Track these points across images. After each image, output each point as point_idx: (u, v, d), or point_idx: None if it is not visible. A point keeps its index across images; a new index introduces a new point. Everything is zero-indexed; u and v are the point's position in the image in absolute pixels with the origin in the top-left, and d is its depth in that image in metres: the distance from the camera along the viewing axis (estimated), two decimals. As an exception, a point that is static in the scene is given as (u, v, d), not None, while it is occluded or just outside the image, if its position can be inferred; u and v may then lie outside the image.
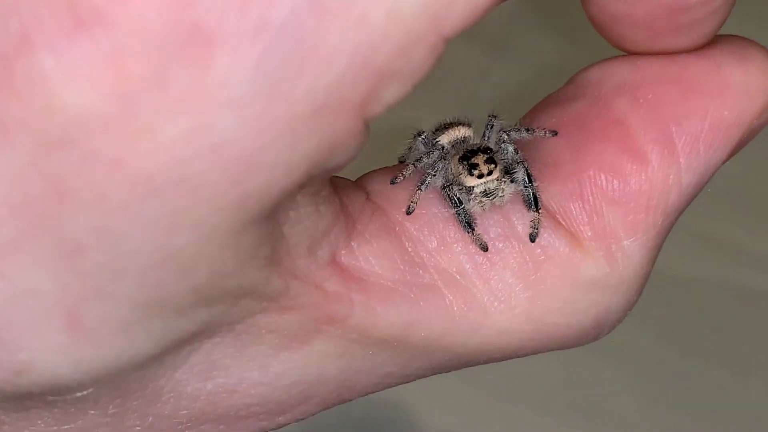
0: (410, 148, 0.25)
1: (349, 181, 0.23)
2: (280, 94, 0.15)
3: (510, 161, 0.23)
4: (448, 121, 0.25)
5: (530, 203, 0.22)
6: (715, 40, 0.23)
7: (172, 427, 0.21)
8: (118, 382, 0.19)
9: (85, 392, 0.19)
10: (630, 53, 0.23)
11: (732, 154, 0.23)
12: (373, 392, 0.24)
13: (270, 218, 0.18)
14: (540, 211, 0.22)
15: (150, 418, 0.21)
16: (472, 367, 0.24)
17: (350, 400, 0.24)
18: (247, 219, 0.17)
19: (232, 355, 0.21)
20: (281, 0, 0.15)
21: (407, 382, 0.24)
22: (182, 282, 0.17)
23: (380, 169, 0.24)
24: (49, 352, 0.17)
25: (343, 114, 0.16)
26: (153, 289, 0.17)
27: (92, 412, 0.20)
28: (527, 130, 0.23)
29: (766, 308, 0.59)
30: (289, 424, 0.23)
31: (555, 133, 0.23)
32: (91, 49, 0.15)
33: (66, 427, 0.20)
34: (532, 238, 0.22)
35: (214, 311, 0.19)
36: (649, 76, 0.23)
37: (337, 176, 0.22)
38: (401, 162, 0.25)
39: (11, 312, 0.17)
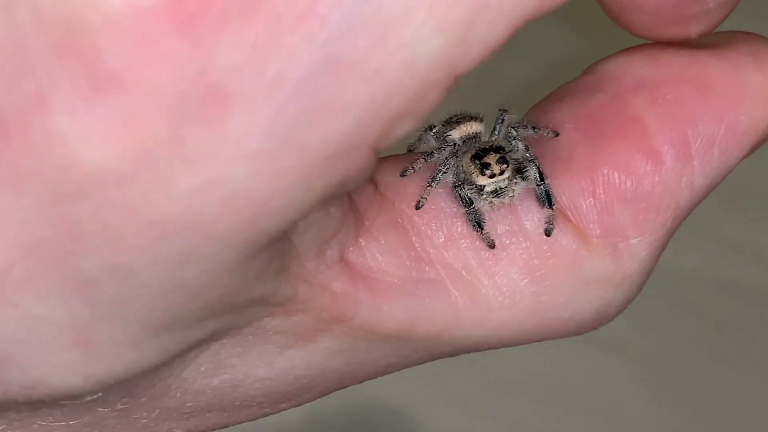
0: (420, 139, 0.25)
1: None
2: (293, 145, 0.15)
3: (521, 158, 0.23)
4: (459, 113, 0.25)
5: (543, 201, 0.22)
6: (735, 40, 0.23)
7: (177, 417, 0.22)
8: (128, 385, 0.19)
9: (94, 396, 0.19)
10: (639, 37, 0.23)
11: (745, 157, 0.23)
12: (375, 378, 0.24)
13: (280, 240, 0.18)
14: (554, 207, 0.22)
15: (157, 411, 0.21)
16: (472, 361, 0.24)
17: (352, 385, 0.24)
18: (258, 249, 0.17)
19: (239, 354, 0.21)
20: (297, 57, 0.15)
21: (409, 367, 0.24)
22: (191, 305, 0.18)
23: (390, 157, 0.24)
24: (60, 369, 0.18)
25: (356, 155, 0.16)
26: (162, 312, 0.17)
27: (101, 409, 0.20)
28: (533, 128, 0.23)
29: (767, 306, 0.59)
30: (290, 408, 0.24)
31: (557, 134, 0.23)
32: (108, 112, 0.15)
33: (74, 422, 0.20)
34: (548, 233, 0.22)
35: (222, 321, 0.19)
36: (669, 76, 0.22)
37: None
38: (410, 151, 0.25)
39: (24, 335, 0.17)
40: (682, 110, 0.22)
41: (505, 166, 0.23)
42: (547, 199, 0.22)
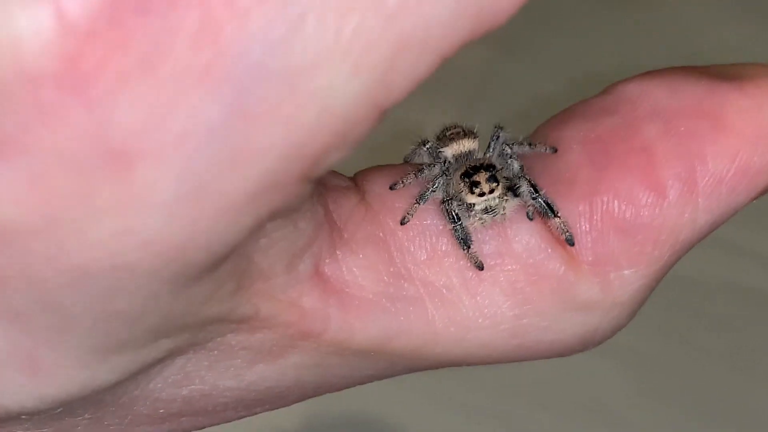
0: (415, 152, 0.25)
1: (342, 179, 0.23)
2: (208, 192, 0.15)
3: (513, 176, 0.23)
4: (454, 126, 0.24)
5: (546, 212, 0.22)
6: (763, 75, 0.22)
7: (151, 422, 0.22)
8: (89, 400, 0.19)
9: (56, 411, 0.19)
10: None
11: (755, 199, 0.22)
12: (354, 387, 0.24)
13: (226, 263, 0.18)
14: (559, 215, 0.22)
15: (129, 417, 0.21)
16: (471, 368, 0.24)
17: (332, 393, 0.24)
18: (192, 279, 0.17)
19: (206, 367, 0.21)
20: (202, 111, 0.14)
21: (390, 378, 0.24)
22: (133, 330, 0.18)
23: (382, 167, 0.24)
24: (12, 392, 0.18)
25: (281, 190, 0.16)
26: (103, 338, 0.17)
27: (68, 419, 0.20)
28: (529, 144, 0.23)
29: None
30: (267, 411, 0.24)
31: (555, 150, 0.23)
32: (11, 173, 0.15)
33: (45, 430, 0.20)
34: (570, 242, 0.22)
35: (179, 339, 0.19)
36: (686, 107, 0.22)
37: (331, 175, 0.22)
38: (406, 162, 0.25)
39: None
40: (694, 144, 0.22)
41: (495, 184, 0.22)
42: (549, 209, 0.22)
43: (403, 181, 0.23)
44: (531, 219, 0.22)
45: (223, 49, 0.14)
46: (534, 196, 0.22)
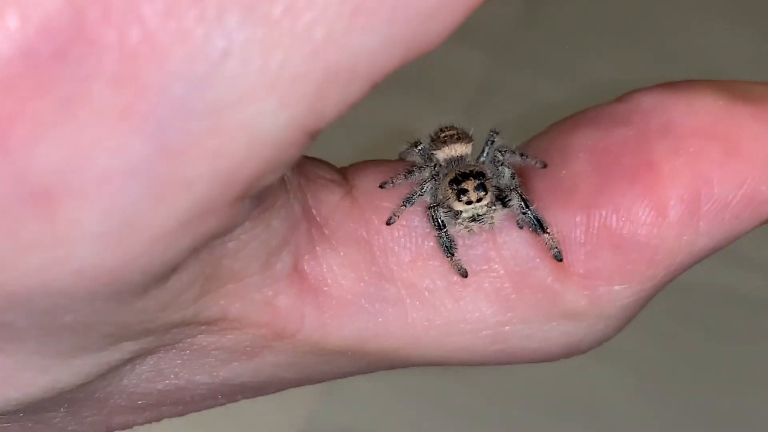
0: (409, 151, 0.24)
1: (329, 171, 0.22)
2: (137, 224, 0.15)
3: (504, 185, 0.23)
4: (449, 128, 0.24)
5: (536, 228, 0.22)
6: None
7: (130, 412, 0.22)
8: (58, 399, 0.19)
9: (27, 410, 0.19)
10: None
11: (758, 227, 0.22)
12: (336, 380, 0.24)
13: (180, 274, 0.18)
14: (549, 231, 0.22)
15: (106, 409, 0.21)
16: (469, 370, 0.24)
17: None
18: (136, 295, 0.17)
19: (180, 365, 0.21)
20: (125, 149, 0.14)
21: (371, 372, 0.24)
22: (86, 338, 0.18)
23: (376, 162, 0.23)
24: None
25: (213, 215, 0.16)
26: (57, 345, 0.18)
27: (43, 413, 0.20)
28: (521, 155, 0.23)
29: (766, 315, 0.59)
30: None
31: (544, 165, 0.23)
32: None
33: (24, 422, 0.20)
34: (558, 258, 0.22)
35: (143, 342, 0.19)
36: (699, 126, 0.22)
37: (315, 166, 0.22)
38: (401, 159, 0.25)
39: None
40: (702, 167, 0.21)
41: (483, 193, 0.22)
42: (538, 225, 0.22)
43: (393, 181, 0.22)
44: (521, 227, 0.22)
45: (143, 87, 0.14)
46: (524, 210, 0.22)
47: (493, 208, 0.22)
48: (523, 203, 0.22)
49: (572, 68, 0.61)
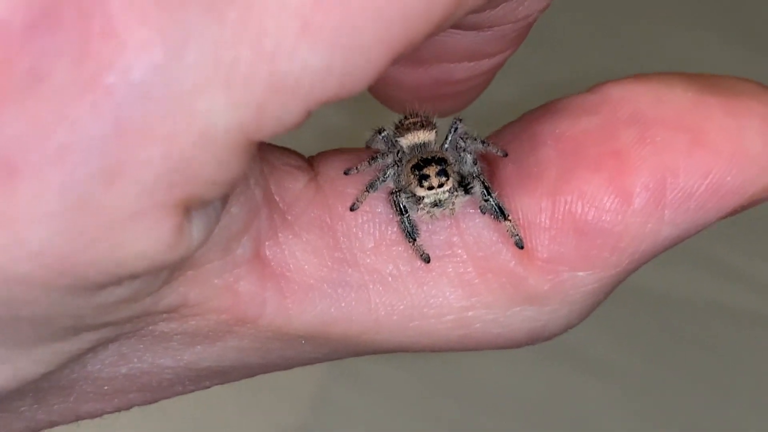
0: (373, 139, 0.25)
1: (294, 158, 0.23)
2: (90, 205, 0.16)
3: (467, 172, 0.23)
4: (413, 114, 0.24)
5: (497, 215, 0.22)
6: (751, 95, 0.22)
7: (99, 399, 0.22)
8: (23, 389, 0.20)
9: None
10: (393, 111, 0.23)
11: (724, 218, 0.22)
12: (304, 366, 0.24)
13: None
14: (510, 218, 0.22)
15: (73, 396, 0.21)
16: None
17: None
18: (96, 288, 0.17)
19: (142, 349, 0.21)
20: (82, 125, 0.15)
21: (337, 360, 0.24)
22: (45, 330, 0.18)
23: (343, 150, 0.24)
24: None
25: (161, 215, 0.16)
26: (15, 336, 0.18)
27: (9, 402, 0.21)
28: (482, 142, 0.23)
29: (752, 327, 0.59)
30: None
31: (506, 154, 0.23)
32: None
33: None
34: (519, 245, 0.22)
35: (103, 332, 0.19)
36: (667, 117, 0.22)
37: (280, 153, 0.22)
38: (368, 147, 0.25)
39: None
40: (668, 156, 0.21)
41: (444, 179, 0.22)
42: (500, 213, 0.22)
43: (357, 168, 0.23)
44: (484, 213, 0.22)
45: (105, 66, 0.15)
46: (486, 198, 0.22)
47: (455, 194, 0.22)
48: (485, 190, 0.22)
49: (551, 73, 0.61)
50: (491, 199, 0.22)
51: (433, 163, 0.23)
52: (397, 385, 0.56)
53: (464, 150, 0.23)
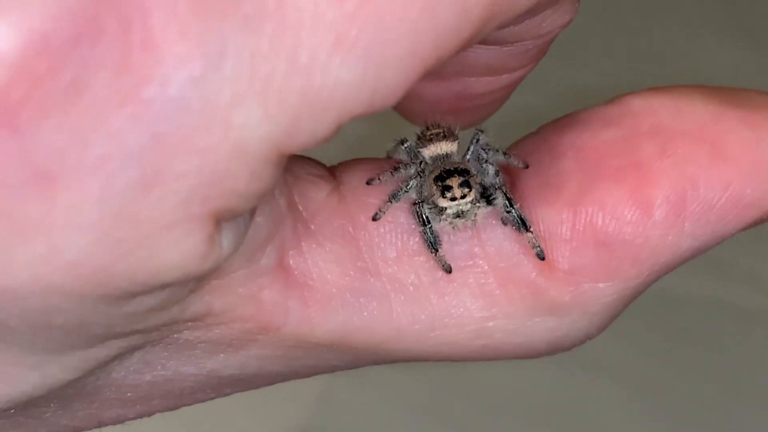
0: (396, 149, 0.25)
1: (317, 168, 0.23)
2: (126, 216, 0.16)
3: (489, 183, 0.23)
4: (435, 125, 0.24)
5: (519, 226, 0.22)
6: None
7: (121, 405, 0.22)
8: (48, 395, 0.20)
9: (17, 406, 0.20)
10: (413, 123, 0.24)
11: (746, 229, 0.22)
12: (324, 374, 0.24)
13: None
14: (532, 230, 0.22)
15: (96, 403, 0.22)
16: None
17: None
18: (128, 297, 0.17)
19: (167, 357, 0.21)
20: (121, 137, 0.15)
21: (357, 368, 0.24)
22: (76, 337, 0.18)
23: (366, 160, 0.24)
24: None
25: (195, 226, 0.17)
26: (47, 344, 0.18)
27: (34, 409, 0.21)
28: (504, 153, 0.23)
29: (758, 327, 0.59)
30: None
31: (527, 165, 0.23)
32: None
33: (13, 418, 0.21)
34: (540, 256, 0.22)
35: (131, 339, 0.20)
36: (687, 129, 0.22)
37: (303, 163, 0.22)
38: (389, 157, 0.25)
39: None
40: (689, 168, 0.21)
41: (467, 190, 0.22)
42: (522, 224, 0.22)
43: (379, 178, 0.23)
44: (506, 224, 0.22)
45: (145, 78, 0.15)
46: (508, 209, 0.22)
47: (477, 205, 0.22)
48: (507, 202, 0.22)
49: (559, 76, 0.61)
50: (513, 211, 0.22)
51: (455, 174, 0.23)
52: (404, 387, 0.56)
53: (486, 161, 0.23)
